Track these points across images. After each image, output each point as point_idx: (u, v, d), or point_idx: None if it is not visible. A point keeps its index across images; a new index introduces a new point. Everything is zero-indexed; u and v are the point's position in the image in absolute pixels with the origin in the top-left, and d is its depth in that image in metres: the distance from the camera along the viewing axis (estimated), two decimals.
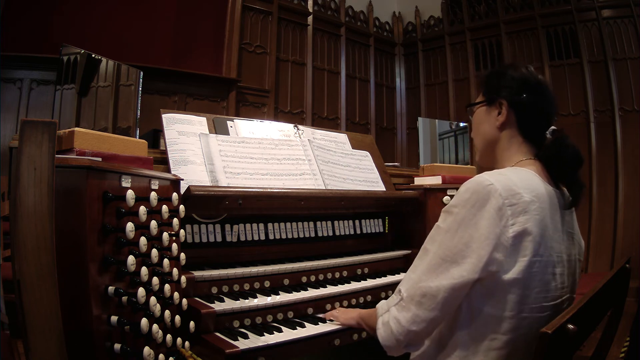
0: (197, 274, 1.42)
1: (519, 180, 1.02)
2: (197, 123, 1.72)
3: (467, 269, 0.96)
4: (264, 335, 1.31)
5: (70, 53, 3.08)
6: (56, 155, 0.89)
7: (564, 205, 1.09)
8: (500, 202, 0.96)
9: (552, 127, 1.15)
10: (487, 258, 0.95)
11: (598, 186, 4.82)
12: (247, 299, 1.42)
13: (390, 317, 1.05)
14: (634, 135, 4.63)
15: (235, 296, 1.43)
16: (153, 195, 1.13)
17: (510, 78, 1.17)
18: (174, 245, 1.21)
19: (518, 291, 0.97)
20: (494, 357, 0.99)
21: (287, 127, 1.98)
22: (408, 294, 1.03)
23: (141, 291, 1.02)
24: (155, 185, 1.21)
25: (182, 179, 1.38)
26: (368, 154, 2.15)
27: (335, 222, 1.93)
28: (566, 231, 1.10)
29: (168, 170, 1.52)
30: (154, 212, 1.14)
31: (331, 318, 1.47)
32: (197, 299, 1.38)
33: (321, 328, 1.41)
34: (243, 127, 1.85)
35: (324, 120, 5.56)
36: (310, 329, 1.40)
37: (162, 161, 1.57)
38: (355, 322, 1.37)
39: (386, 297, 1.77)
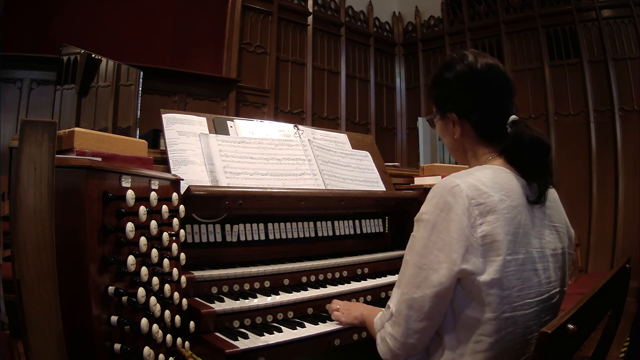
0: (197, 274, 1.42)
1: (487, 179, 1.01)
2: (197, 123, 1.72)
3: (444, 275, 0.96)
4: (264, 335, 1.31)
5: (70, 53, 3.09)
6: (56, 155, 0.89)
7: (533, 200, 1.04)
8: (467, 203, 0.96)
9: (512, 118, 1.10)
10: (460, 260, 0.95)
11: (598, 186, 4.81)
12: (247, 299, 1.42)
13: (386, 334, 1.07)
14: (634, 135, 4.62)
15: (235, 296, 1.43)
16: (153, 195, 1.13)
17: (448, 82, 1.15)
18: (174, 245, 1.21)
19: (497, 292, 0.96)
20: (481, 359, 0.99)
21: (287, 127, 1.98)
22: (396, 309, 1.04)
23: (141, 291, 1.02)
24: (155, 185, 1.21)
25: (182, 179, 1.38)
26: (368, 154, 2.15)
27: (335, 222, 1.93)
28: (548, 225, 1.08)
29: (168, 170, 1.52)
30: (154, 212, 1.14)
31: (334, 313, 1.46)
32: (197, 299, 1.38)
33: (321, 328, 1.41)
34: (243, 127, 1.85)
35: (324, 120, 5.55)
36: (310, 329, 1.40)
37: (162, 161, 1.57)
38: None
39: (386, 297, 1.78)
